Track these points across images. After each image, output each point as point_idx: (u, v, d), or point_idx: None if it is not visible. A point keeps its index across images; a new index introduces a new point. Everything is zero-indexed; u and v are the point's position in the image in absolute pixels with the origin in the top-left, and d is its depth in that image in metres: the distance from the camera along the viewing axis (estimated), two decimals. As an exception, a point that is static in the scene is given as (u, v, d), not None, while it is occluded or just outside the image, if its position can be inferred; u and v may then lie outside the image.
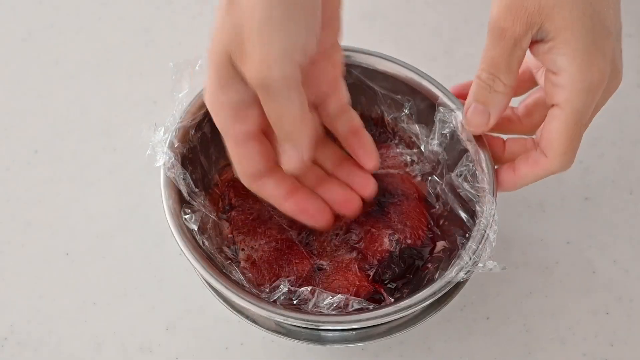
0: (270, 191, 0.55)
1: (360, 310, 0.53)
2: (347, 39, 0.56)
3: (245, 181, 0.55)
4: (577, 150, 0.53)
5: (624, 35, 0.53)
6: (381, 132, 0.63)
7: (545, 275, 0.63)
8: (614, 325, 0.61)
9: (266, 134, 0.55)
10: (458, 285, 0.55)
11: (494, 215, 0.53)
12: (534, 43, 0.52)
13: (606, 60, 0.50)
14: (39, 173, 0.68)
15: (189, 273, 0.62)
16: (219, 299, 0.56)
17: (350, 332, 0.55)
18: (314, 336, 0.55)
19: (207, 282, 0.54)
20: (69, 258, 0.64)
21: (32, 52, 0.75)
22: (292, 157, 0.52)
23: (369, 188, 0.58)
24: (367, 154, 0.57)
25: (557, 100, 0.51)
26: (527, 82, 0.59)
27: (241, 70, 0.49)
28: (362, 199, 0.58)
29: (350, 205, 0.57)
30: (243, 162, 0.54)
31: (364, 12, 0.76)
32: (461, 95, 0.58)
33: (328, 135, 0.60)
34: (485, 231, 0.53)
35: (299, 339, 0.55)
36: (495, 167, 0.56)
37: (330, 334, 0.55)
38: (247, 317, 0.55)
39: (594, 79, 0.50)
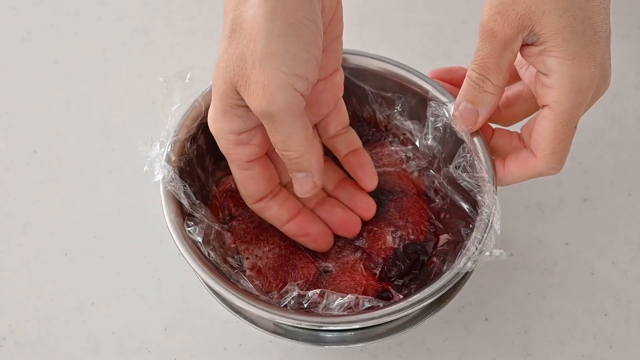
0: (273, 213, 0.57)
1: (371, 309, 0.53)
2: (345, 40, 0.56)
3: (248, 202, 0.57)
4: (566, 154, 0.53)
5: (622, 36, 0.53)
6: (374, 131, 0.63)
7: (544, 276, 0.63)
8: (612, 327, 0.61)
9: (269, 155, 0.56)
10: (457, 286, 0.55)
11: (496, 203, 0.53)
12: (524, 46, 0.52)
13: (596, 64, 0.51)
14: (38, 173, 0.68)
15: (187, 273, 0.62)
16: (218, 300, 0.56)
17: (349, 333, 0.55)
18: (312, 337, 0.55)
19: (215, 291, 0.54)
20: (67, 258, 0.64)
21: (32, 52, 0.75)
22: (305, 184, 0.53)
23: (369, 210, 0.59)
24: (367, 174, 0.59)
25: (547, 101, 0.52)
26: (511, 78, 0.59)
27: (245, 99, 0.50)
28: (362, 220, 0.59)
29: (350, 227, 0.59)
30: (247, 185, 0.56)
31: (362, 14, 0.76)
32: (443, 80, 0.59)
33: (328, 155, 0.60)
34: (489, 220, 0.53)
35: (297, 340, 0.55)
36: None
37: (329, 335, 0.55)
38: (245, 317, 0.55)
39: (583, 81, 0.50)
